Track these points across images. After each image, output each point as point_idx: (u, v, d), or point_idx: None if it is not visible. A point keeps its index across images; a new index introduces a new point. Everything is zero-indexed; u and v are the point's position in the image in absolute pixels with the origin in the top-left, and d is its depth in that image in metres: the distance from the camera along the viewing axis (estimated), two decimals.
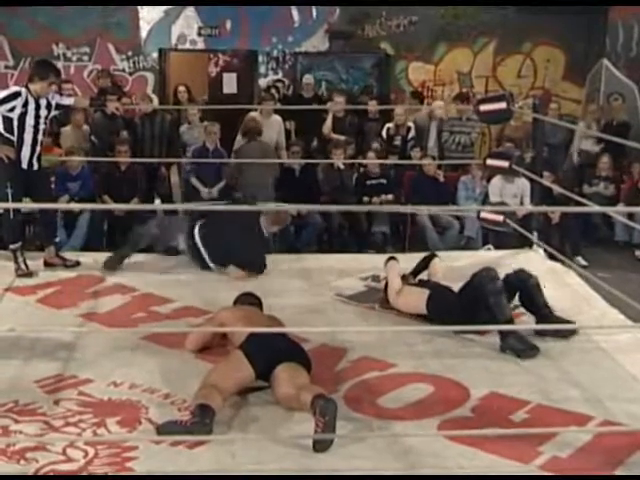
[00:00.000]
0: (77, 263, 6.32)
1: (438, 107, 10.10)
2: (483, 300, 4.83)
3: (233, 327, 4.49)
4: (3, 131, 5.97)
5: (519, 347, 4.69)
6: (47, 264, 6.26)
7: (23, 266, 6.05)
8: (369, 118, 10.07)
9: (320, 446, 3.61)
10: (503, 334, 4.74)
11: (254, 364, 4.04)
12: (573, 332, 5.02)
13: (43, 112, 6.08)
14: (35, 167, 6.15)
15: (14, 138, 5.97)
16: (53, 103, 6.19)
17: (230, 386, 4.00)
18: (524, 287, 5.19)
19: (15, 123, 5.94)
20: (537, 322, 5.14)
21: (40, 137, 6.13)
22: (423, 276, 5.69)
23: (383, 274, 5.75)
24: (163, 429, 3.72)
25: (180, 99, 10.02)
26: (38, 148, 6.12)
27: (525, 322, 5.20)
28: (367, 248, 8.66)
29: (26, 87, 6.00)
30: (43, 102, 6.06)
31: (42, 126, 6.12)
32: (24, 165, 6.06)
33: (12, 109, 5.89)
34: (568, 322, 5.06)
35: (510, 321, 4.83)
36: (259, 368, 4.05)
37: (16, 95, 5.91)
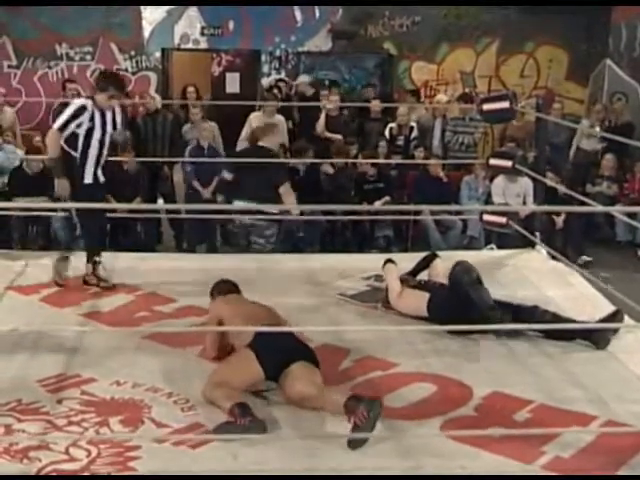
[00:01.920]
0: (112, 286, 5.82)
1: (441, 100, 10.13)
2: (465, 294, 4.87)
3: (232, 323, 4.41)
4: (65, 145, 5.61)
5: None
6: (85, 282, 5.84)
7: (98, 276, 5.81)
8: (372, 118, 10.07)
9: (355, 444, 3.61)
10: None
11: (264, 365, 4.02)
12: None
13: (109, 125, 5.76)
14: (101, 180, 5.79)
15: (77, 154, 5.63)
16: (118, 118, 5.87)
17: (240, 385, 4.01)
18: (461, 289, 5.04)
19: (81, 139, 5.61)
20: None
21: (105, 151, 5.79)
22: (424, 276, 5.68)
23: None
24: (220, 431, 3.71)
25: (189, 99, 9.99)
26: (102, 160, 5.78)
27: None
28: (370, 248, 8.66)
29: (92, 99, 5.71)
30: (109, 115, 5.75)
31: (108, 139, 5.78)
32: (88, 180, 5.71)
33: (79, 125, 5.57)
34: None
35: (493, 307, 4.87)
36: (269, 369, 4.04)
37: (82, 109, 5.59)
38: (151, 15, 11.45)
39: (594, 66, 11.79)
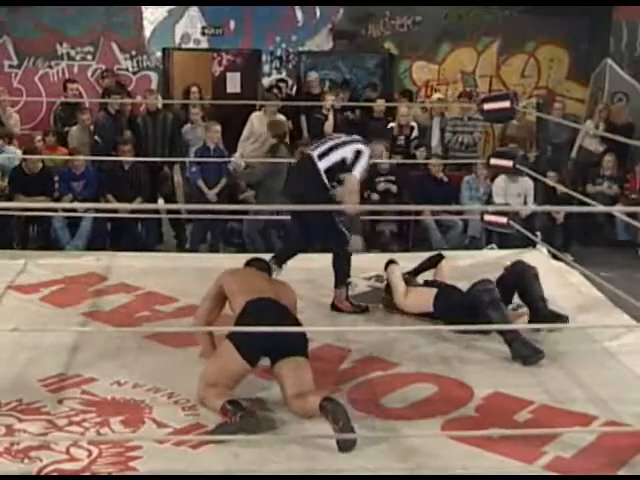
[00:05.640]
0: (366, 308, 5.59)
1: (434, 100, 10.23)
2: (482, 312, 4.80)
3: (231, 290, 4.35)
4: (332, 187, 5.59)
5: (525, 353, 4.65)
6: (336, 308, 5.60)
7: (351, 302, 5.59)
8: (374, 117, 10.06)
9: (344, 445, 3.61)
10: (508, 341, 4.70)
11: (246, 356, 3.93)
12: (564, 321, 5.05)
13: None
14: None
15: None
16: None
17: (228, 382, 3.98)
18: (521, 280, 5.24)
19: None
20: (530, 314, 5.19)
21: None
22: (428, 276, 5.68)
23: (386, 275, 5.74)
24: (217, 432, 3.71)
25: (192, 99, 9.95)
26: None
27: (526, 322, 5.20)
28: (371, 247, 8.64)
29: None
30: None
31: None
32: None
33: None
34: (559, 316, 5.06)
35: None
36: (252, 358, 3.96)
37: (364, 149, 5.53)
38: (152, 15, 11.43)
39: (595, 66, 11.76)
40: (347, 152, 5.50)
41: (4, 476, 3.38)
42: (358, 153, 5.48)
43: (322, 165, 5.47)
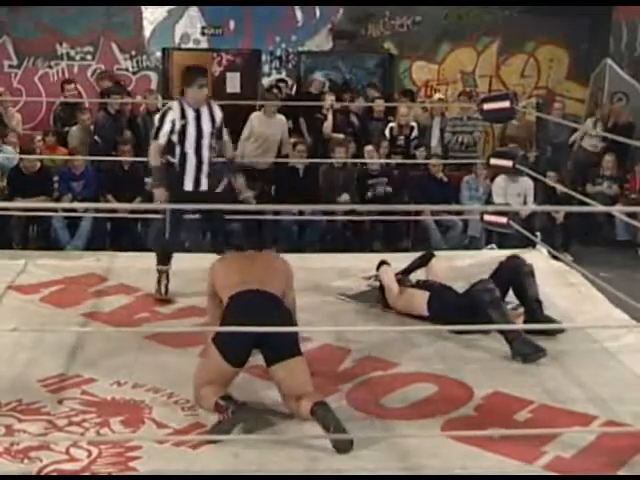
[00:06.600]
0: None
1: (437, 99, 10.26)
2: (483, 312, 4.79)
3: (220, 287, 4.28)
4: (170, 157, 5.46)
5: (526, 351, 4.66)
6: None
7: (163, 290, 5.67)
8: (374, 118, 10.06)
9: (340, 447, 3.61)
10: (509, 340, 4.70)
11: (229, 359, 3.90)
12: (560, 331, 5.01)
13: (206, 125, 5.48)
14: (204, 187, 5.55)
15: (176, 160, 5.45)
16: (218, 117, 5.59)
17: (221, 381, 3.95)
18: (516, 275, 5.22)
19: (176, 143, 5.39)
20: (525, 315, 5.18)
21: (206, 153, 5.48)
22: (420, 275, 5.67)
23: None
24: (213, 432, 3.70)
25: None
26: (205, 167, 5.51)
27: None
28: (370, 247, 8.65)
29: (180, 99, 5.54)
30: (205, 112, 5.50)
31: (207, 140, 5.48)
32: (188, 187, 5.50)
33: (172, 126, 5.36)
34: (553, 321, 5.04)
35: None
36: (236, 360, 3.92)
37: (167, 110, 5.43)
38: (152, 15, 11.42)
39: (595, 66, 11.77)
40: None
41: (4, 476, 3.38)
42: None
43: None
